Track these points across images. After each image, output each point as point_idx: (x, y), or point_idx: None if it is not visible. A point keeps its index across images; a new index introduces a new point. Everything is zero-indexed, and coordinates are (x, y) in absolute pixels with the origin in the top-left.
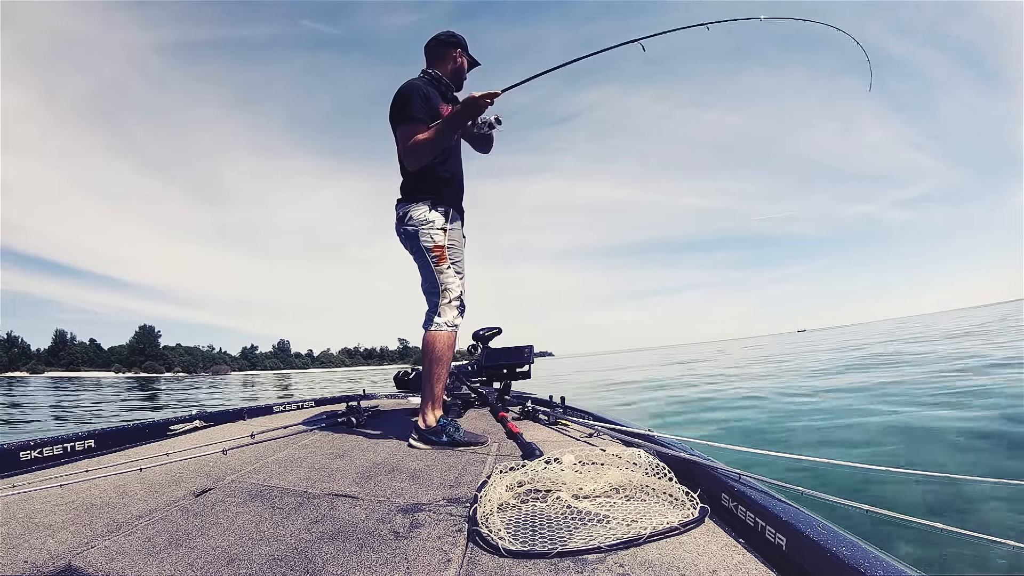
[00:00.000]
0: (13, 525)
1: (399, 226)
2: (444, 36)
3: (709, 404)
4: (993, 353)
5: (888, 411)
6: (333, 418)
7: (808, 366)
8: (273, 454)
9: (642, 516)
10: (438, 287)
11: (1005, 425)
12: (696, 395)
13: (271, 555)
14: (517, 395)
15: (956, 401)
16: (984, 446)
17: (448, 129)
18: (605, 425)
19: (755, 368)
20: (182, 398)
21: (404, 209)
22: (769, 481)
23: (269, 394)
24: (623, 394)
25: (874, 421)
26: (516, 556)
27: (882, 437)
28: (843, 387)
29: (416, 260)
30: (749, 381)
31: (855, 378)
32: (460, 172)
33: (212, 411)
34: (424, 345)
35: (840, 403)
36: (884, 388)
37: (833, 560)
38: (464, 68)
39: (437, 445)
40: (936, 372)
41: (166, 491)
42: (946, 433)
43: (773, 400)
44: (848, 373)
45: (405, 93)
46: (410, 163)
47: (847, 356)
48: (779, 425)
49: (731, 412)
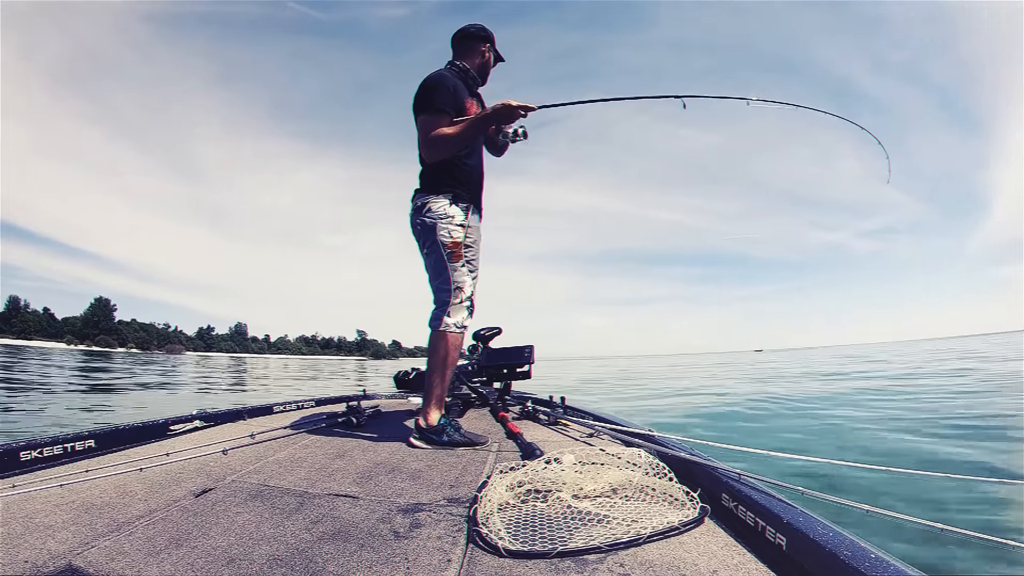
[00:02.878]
0: (13, 525)
1: (416, 216)
2: (475, 30)
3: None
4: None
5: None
6: (333, 418)
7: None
8: (273, 454)
9: (642, 516)
10: (450, 285)
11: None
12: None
13: (271, 555)
14: (517, 395)
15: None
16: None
17: (474, 130)
18: (605, 425)
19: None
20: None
21: (423, 200)
22: (769, 481)
23: (220, 378)
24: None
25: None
26: (516, 556)
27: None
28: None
29: (428, 254)
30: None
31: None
32: (482, 168)
33: (212, 411)
34: (431, 345)
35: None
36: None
37: (833, 560)
38: (490, 63)
39: (437, 445)
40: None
41: (166, 491)
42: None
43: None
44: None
45: (433, 82)
46: (429, 155)
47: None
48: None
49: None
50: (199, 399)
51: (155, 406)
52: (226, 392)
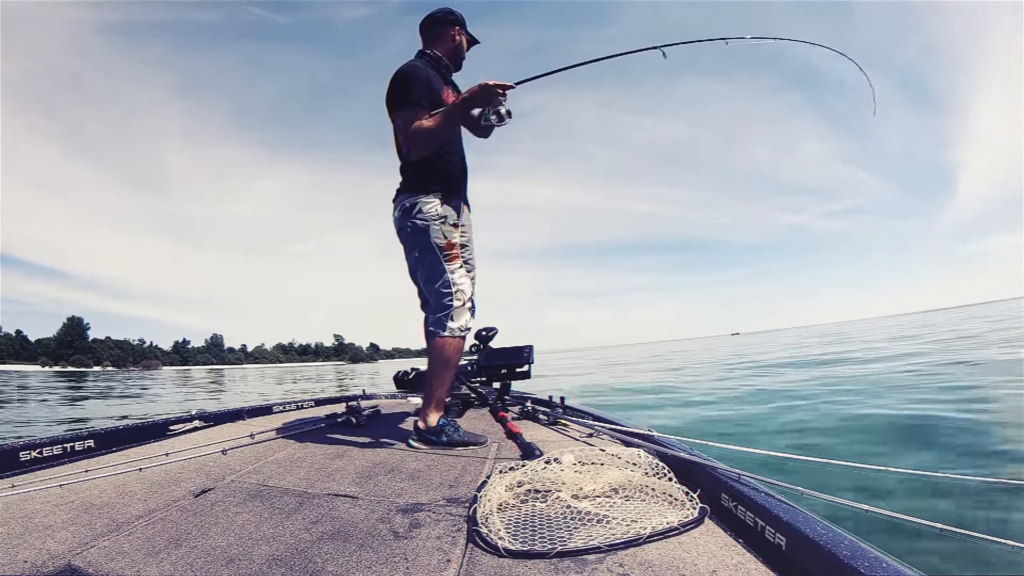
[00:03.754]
0: (13, 525)
1: (405, 219)
2: (441, 13)
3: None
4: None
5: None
6: (333, 418)
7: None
8: (273, 454)
9: (642, 516)
10: (450, 288)
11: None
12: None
13: (271, 555)
14: (517, 395)
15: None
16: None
17: (454, 118)
18: (605, 425)
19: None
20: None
21: (412, 200)
22: (769, 481)
23: (200, 392)
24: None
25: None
26: (516, 556)
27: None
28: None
29: (421, 257)
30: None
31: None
32: (465, 160)
33: (212, 411)
34: (433, 350)
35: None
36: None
37: (833, 560)
38: (463, 47)
39: (436, 445)
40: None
41: (166, 491)
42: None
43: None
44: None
45: (405, 75)
46: (412, 152)
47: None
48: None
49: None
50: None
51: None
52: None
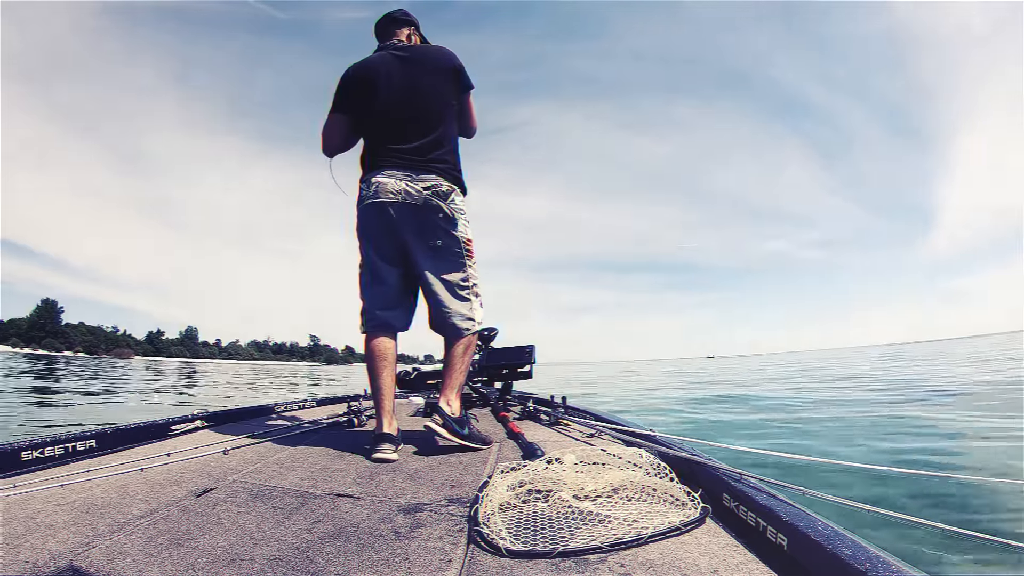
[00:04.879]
0: (14, 525)
1: (438, 200)
2: (398, 14)
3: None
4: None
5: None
6: (334, 418)
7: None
8: (274, 454)
9: (643, 516)
10: (470, 283)
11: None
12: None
13: (272, 555)
14: (518, 395)
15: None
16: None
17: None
18: (606, 425)
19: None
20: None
21: (449, 185)
22: (770, 481)
23: (170, 382)
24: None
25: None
26: (517, 556)
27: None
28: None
29: (444, 245)
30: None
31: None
32: None
33: (213, 411)
34: (459, 346)
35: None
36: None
37: (834, 560)
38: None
39: (458, 437)
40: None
41: (167, 491)
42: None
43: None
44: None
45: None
46: (472, 132)
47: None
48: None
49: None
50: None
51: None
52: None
